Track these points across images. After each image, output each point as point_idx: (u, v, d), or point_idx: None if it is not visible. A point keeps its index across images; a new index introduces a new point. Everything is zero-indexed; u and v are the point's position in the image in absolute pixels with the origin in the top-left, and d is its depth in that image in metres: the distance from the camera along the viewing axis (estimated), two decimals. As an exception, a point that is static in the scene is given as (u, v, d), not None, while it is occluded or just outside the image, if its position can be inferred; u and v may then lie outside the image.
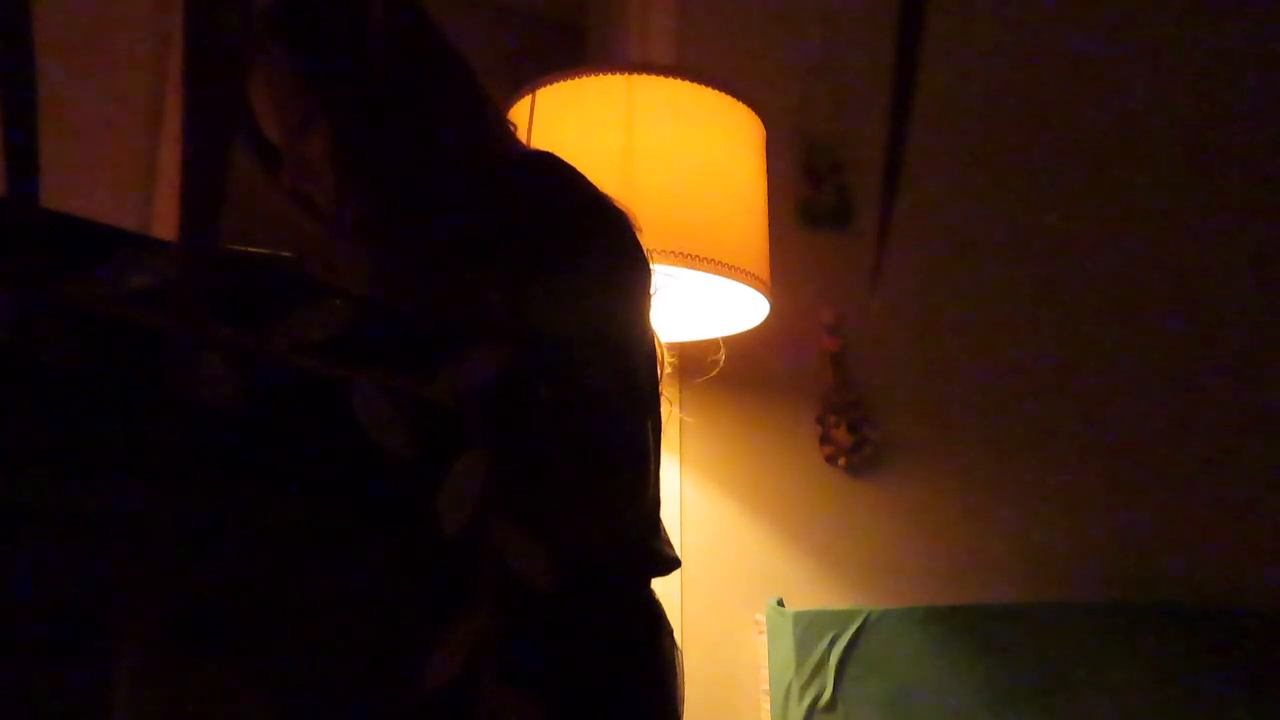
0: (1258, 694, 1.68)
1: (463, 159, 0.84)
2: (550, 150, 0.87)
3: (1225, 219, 2.19)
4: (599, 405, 0.71)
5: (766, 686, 1.54)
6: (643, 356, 0.80)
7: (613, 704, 0.75)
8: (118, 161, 1.51)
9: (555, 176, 0.83)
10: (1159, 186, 2.15)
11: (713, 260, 1.21)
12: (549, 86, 1.28)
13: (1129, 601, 1.80)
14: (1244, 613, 1.80)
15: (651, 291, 0.85)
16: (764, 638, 1.55)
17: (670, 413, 1.59)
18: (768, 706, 1.53)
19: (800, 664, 1.49)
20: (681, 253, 1.19)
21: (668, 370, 0.96)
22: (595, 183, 0.84)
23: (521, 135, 1.28)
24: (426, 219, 0.81)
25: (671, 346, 1.51)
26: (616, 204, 0.84)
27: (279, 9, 0.86)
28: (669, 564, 0.84)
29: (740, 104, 1.31)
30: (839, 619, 1.53)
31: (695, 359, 1.58)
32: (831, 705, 1.46)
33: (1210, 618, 1.76)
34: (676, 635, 0.85)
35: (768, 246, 1.35)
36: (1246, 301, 2.16)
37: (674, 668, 0.82)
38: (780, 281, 1.41)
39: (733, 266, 1.23)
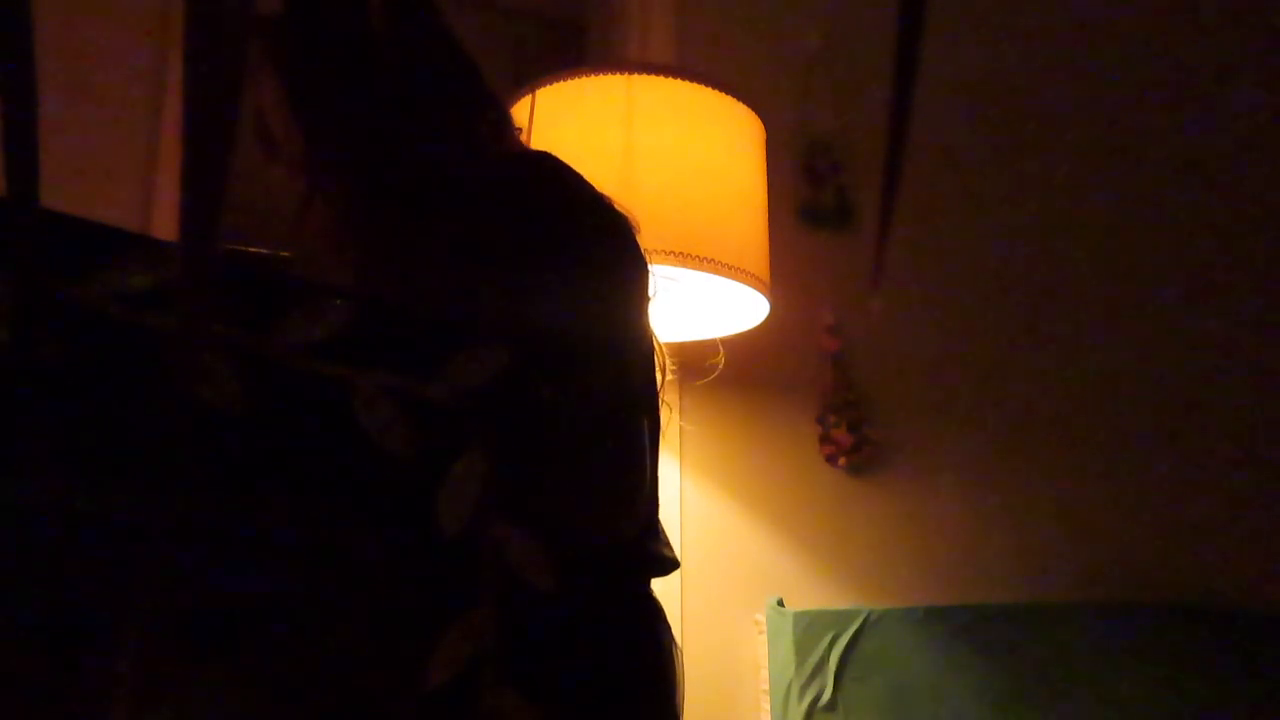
0: (1258, 694, 1.68)
1: (454, 159, 0.84)
2: (551, 150, 0.87)
3: (1227, 218, 2.19)
4: (596, 404, 0.71)
5: (766, 686, 1.54)
6: (639, 355, 0.80)
7: (612, 704, 0.75)
8: (118, 161, 1.51)
9: (552, 176, 0.82)
10: (1160, 186, 2.15)
11: (713, 260, 1.21)
12: (549, 86, 1.28)
13: (1129, 601, 1.80)
14: (1245, 613, 1.80)
15: (650, 292, 0.84)
16: (764, 638, 1.55)
17: (670, 416, 1.59)
18: (768, 706, 1.53)
19: (800, 664, 1.49)
20: (681, 253, 1.19)
21: (669, 377, 0.96)
22: (594, 183, 0.84)
23: (523, 136, 1.29)
24: (408, 218, 0.81)
25: (671, 347, 1.51)
26: (615, 205, 0.84)
27: (269, 14, 0.86)
28: (667, 565, 0.84)
29: (740, 104, 1.31)
30: (839, 619, 1.53)
31: (696, 360, 1.58)
32: (831, 705, 1.46)
33: (1211, 618, 1.76)
34: (676, 635, 0.85)
35: (768, 246, 1.35)
36: (1249, 300, 2.16)
37: (673, 667, 0.82)
38: (780, 281, 1.41)
39: (733, 266, 1.23)
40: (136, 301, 0.46)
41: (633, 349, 0.79)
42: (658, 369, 0.87)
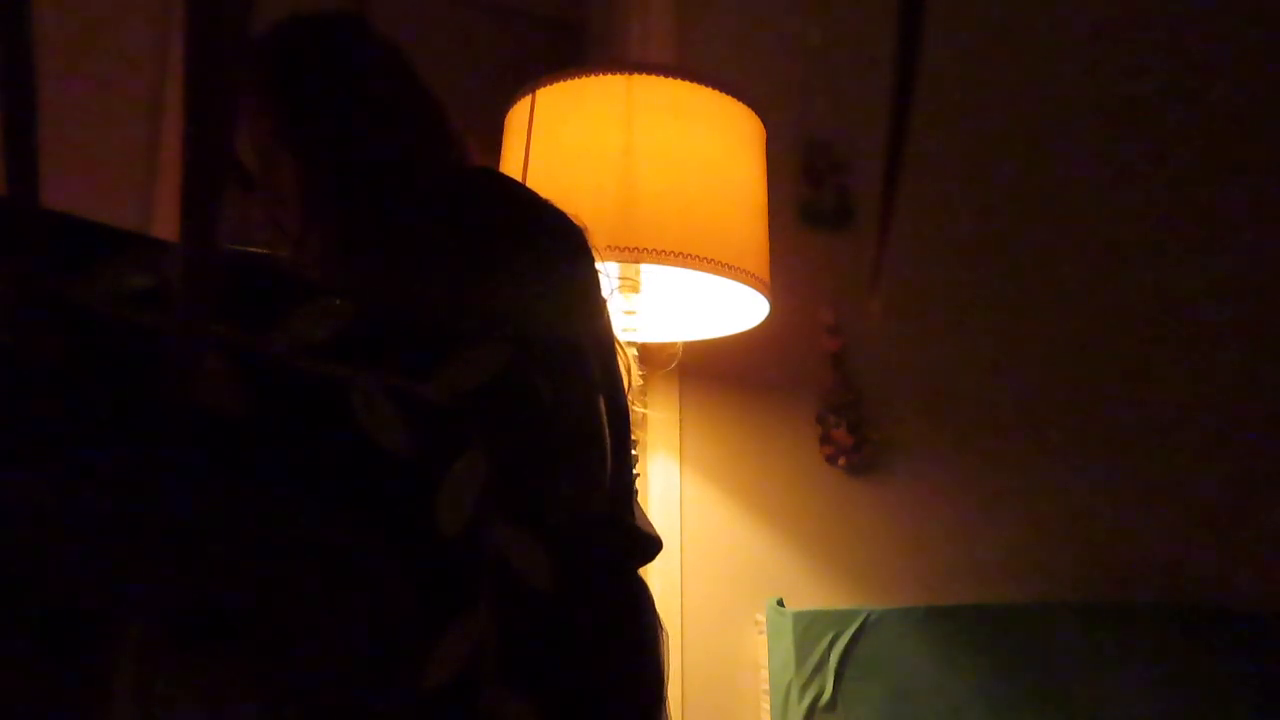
0: (1258, 694, 1.68)
1: (417, 178, 0.87)
2: (551, 150, 0.88)
3: (1226, 221, 2.19)
4: (569, 398, 0.72)
5: (766, 686, 1.54)
6: (596, 346, 0.82)
7: (609, 700, 0.75)
8: (118, 161, 1.51)
9: (502, 186, 0.88)
10: (1160, 187, 2.15)
11: (713, 260, 1.21)
12: (549, 86, 1.28)
13: (1129, 601, 1.80)
14: (1246, 613, 1.80)
15: (603, 286, 0.88)
16: (764, 638, 1.55)
17: (644, 414, 1.59)
18: (768, 706, 1.53)
19: (800, 664, 1.49)
20: (681, 253, 1.19)
21: (638, 381, 0.99)
22: (594, 183, 0.85)
23: (519, 136, 1.29)
24: (382, 232, 0.83)
25: (671, 346, 1.51)
26: (558, 208, 0.87)
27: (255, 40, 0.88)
28: (651, 543, 0.85)
29: (740, 104, 1.31)
30: (839, 619, 1.53)
31: (698, 358, 1.58)
32: (831, 705, 1.46)
33: (1211, 618, 1.76)
34: (676, 635, 0.86)
35: (768, 246, 1.35)
36: (1246, 300, 2.16)
37: (660, 654, 0.83)
38: (780, 281, 1.41)
39: (733, 266, 1.23)
40: (137, 301, 0.46)
41: (589, 340, 0.81)
42: (622, 370, 0.90)
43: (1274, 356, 2.14)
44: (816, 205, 1.80)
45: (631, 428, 0.90)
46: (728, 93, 1.29)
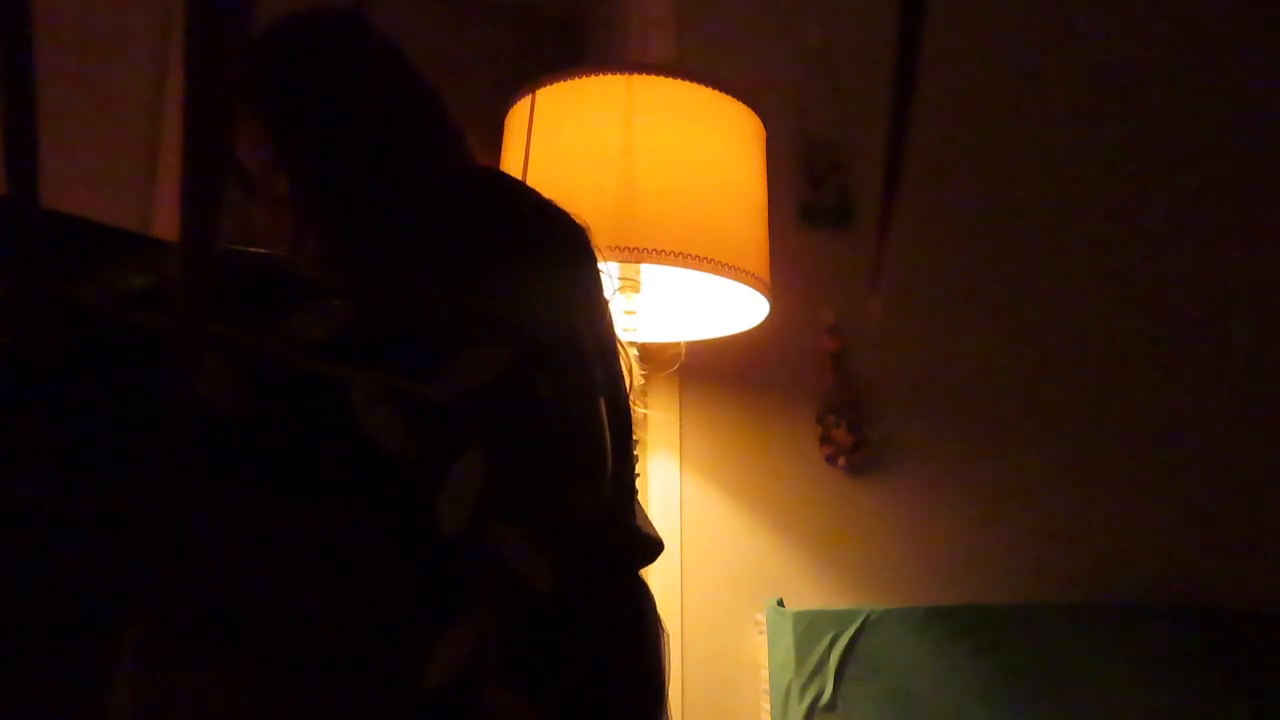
0: (1258, 694, 1.68)
1: (417, 178, 0.86)
2: (551, 150, 0.88)
3: (1228, 220, 2.19)
4: (569, 398, 0.72)
5: (766, 686, 1.54)
6: (597, 346, 0.82)
7: (609, 700, 0.75)
8: (118, 161, 1.51)
9: (500, 186, 0.87)
10: (1162, 187, 2.15)
11: (713, 260, 1.21)
12: (549, 86, 1.28)
13: (1129, 601, 1.80)
14: (1246, 613, 1.80)
15: (605, 287, 0.88)
16: (764, 638, 1.55)
17: (644, 414, 1.60)
18: (767, 706, 1.53)
19: (800, 664, 1.49)
20: (681, 253, 1.19)
21: (639, 380, 0.99)
22: (593, 183, 0.85)
23: (519, 136, 1.29)
24: (382, 232, 0.83)
25: (674, 346, 1.51)
26: (561, 208, 0.87)
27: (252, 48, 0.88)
28: (652, 544, 0.85)
29: (740, 104, 1.31)
30: (839, 619, 1.53)
31: (698, 358, 1.58)
32: (831, 705, 1.46)
33: (1211, 618, 1.76)
34: (676, 635, 0.86)
35: (768, 246, 1.35)
36: (1248, 301, 2.16)
37: (662, 655, 0.83)
38: (780, 281, 1.41)
39: (733, 266, 1.23)
40: (137, 301, 0.46)
41: (591, 341, 0.80)
42: (625, 371, 0.90)
43: (1275, 356, 2.14)
44: (816, 205, 1.80)
45: (633, 428, 0.90)
46: (728, 93, 1.29)
